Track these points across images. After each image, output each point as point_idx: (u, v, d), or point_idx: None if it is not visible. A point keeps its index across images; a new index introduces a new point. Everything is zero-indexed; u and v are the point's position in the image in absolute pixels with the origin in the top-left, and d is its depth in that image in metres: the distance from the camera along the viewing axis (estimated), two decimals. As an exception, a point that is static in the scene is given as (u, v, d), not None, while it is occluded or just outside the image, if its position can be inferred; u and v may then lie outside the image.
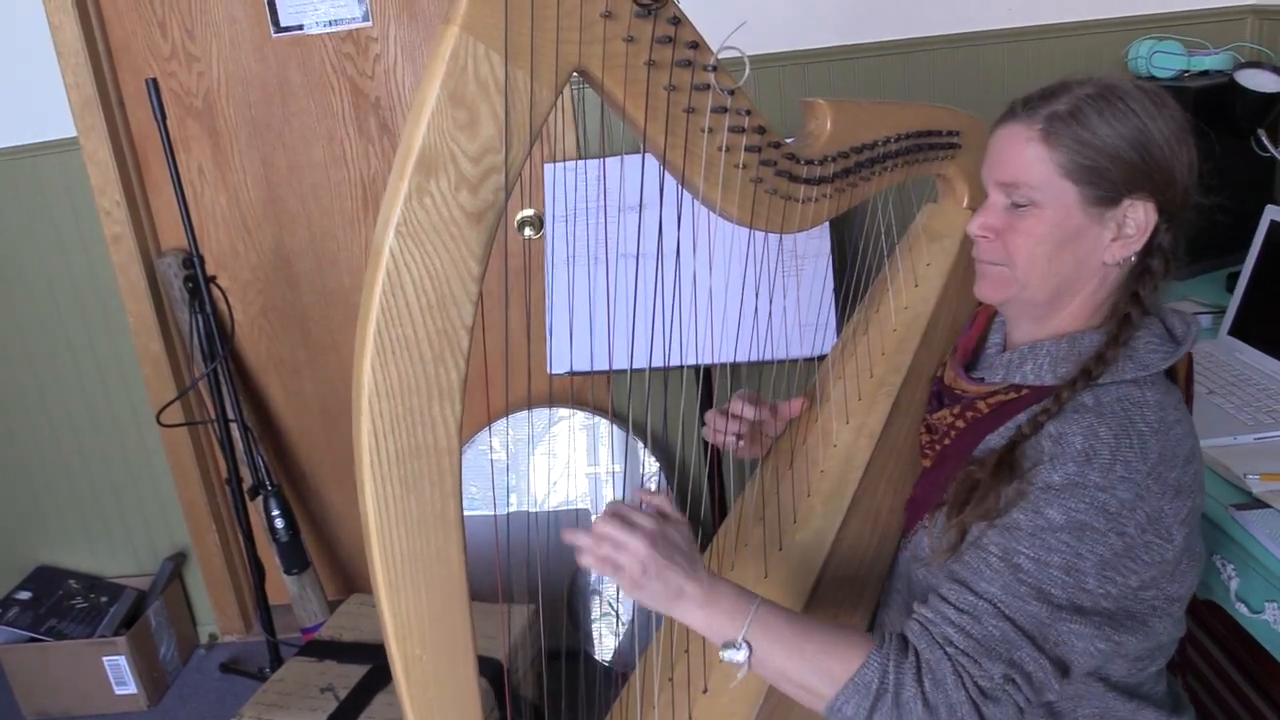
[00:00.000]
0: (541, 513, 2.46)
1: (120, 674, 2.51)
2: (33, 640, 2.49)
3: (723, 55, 1.01)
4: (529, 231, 2.39)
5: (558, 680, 2.04)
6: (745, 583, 1.11)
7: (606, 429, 2.46)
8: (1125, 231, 1.07)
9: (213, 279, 2.31)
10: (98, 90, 2.31)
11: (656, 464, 2.46)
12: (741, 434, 1.36)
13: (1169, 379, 1.11)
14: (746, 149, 1.08)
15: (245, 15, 2.35)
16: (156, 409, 2.41)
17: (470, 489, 2.38)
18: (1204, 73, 2.11)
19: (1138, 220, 1.07)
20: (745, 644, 0.98)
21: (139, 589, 2.67)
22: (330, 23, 2.35)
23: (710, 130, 1.03)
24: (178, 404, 2.44)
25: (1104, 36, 2.26)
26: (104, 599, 2.61)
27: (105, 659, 2.49)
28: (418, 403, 0.87)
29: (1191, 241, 1.11)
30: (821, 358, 1.52)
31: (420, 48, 2.38)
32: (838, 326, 1.98)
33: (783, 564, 1.22)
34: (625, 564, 0.98)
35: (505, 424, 2.47)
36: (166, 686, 2.64)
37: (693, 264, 1.54)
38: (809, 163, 1.19)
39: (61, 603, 2.60)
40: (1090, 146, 1.05)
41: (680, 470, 2.55)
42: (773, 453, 1.38)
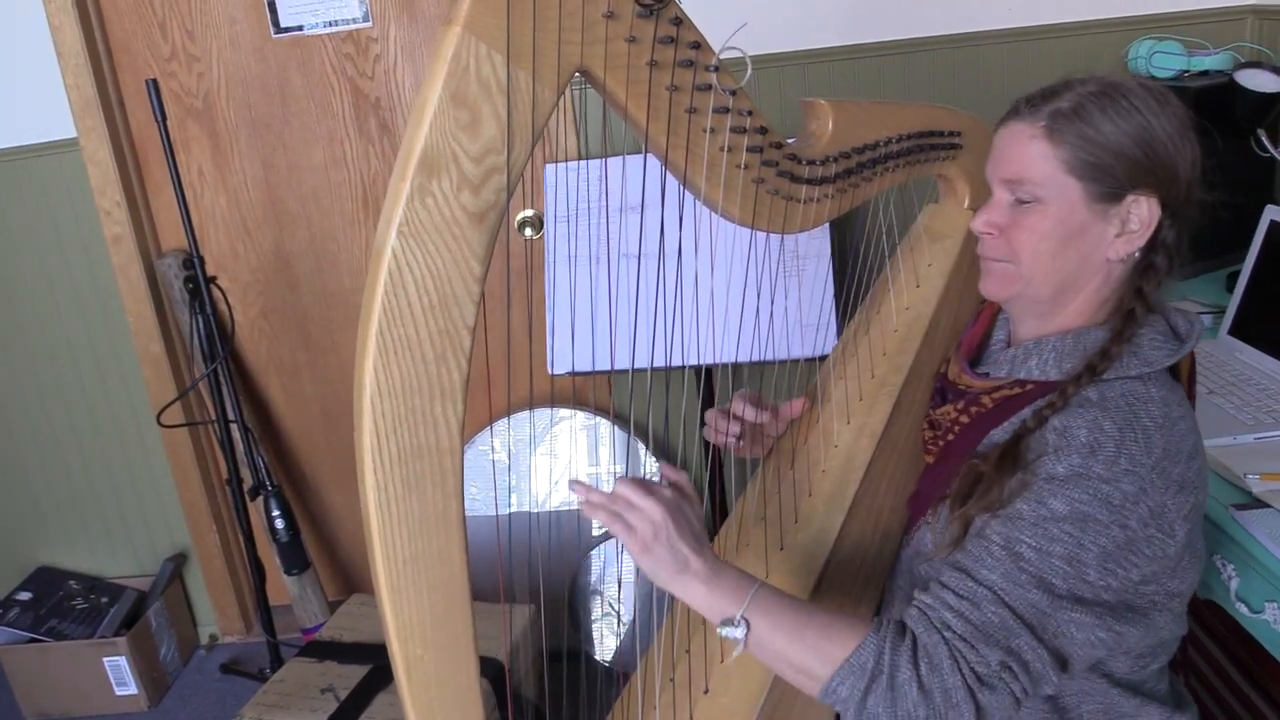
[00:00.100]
0: (541, 513, 2.46)
1: (121, 675, 2.51)
2: (33, 641, 2.49)
3: (724, 55, 1.01)
4: (529, 232, 2.40)
5: (558, 681, 2.04)
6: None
7: (607, 429, 2.46)
8: (1129, 227, 1.07)
9: (213, 280, 2.31)
10: (98, 91, 2.31)
11: (657, 465, 2.46)
12: (742, 434, 1.36)
13: (1172, 377, 1.11)
14: (748, 149, 1.08)
15: (245, 16, 2.35)
16: (157, 410, 2.41)
17: (470, 489, 2.38)
18: (1204, 73, 2.11)
19: (1141, 216, 1.07)
20: (744, 621, 0.98)
21: (139, 589, 2.67)
22: (330, 23, 2.35)
23: (712, 131, 1.03)
24: (178, 405, 2.44)
25: (1104, 36, 2.26)
26: (104, 600, 2.61)
27: (106, 660, 2.49)
28: (420, 403, 0.87)
29: (1192, 241, 1.11)
30: (822, 358, 1.52)
31: (420, 48, 2.38)
32: (838, 327, 1.98)
33: (784, 564, 1.22)
34: (637, 525, 0.99)
35: (507, 424, 2.47)
36: (167, 687, 2.64)
37: (694, 264, 1.54)
38: (810, 163, 1.19)
39: (62, 603, 2.60)
40: (1094, 143, 1.05)
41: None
42: (774, 453, 1.38)
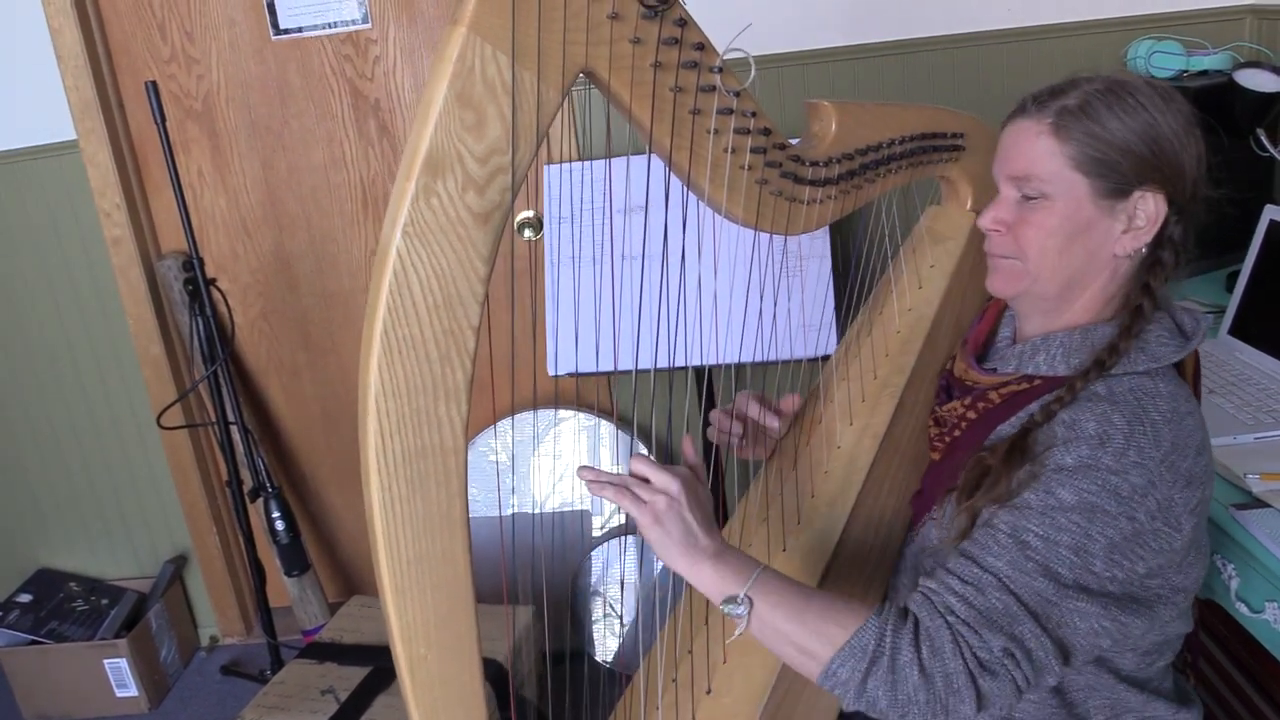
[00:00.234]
0: (541, 514, 2.46)
1: (121, 676, 2.50)
2: (33, 643, 2.49)
3: (728, 57, 1.01)
4: (528, 233, 2.40)
5: (560, 681, 2.04)
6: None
7: (607, 430, 2.46)
8: (1136, 223, 1.08)
9: (213, 281, 2.31)
10: (97, 93, 2.31)
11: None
12: (744, 434, 1.36)
13: (1178, 374, 1.11)
14: (752, 150, 1.08)
15: (245, 18, 2.35)
16: (157, 411, 2.40)
17: (471, 490, 2.38)
18: (1203, 73, 2.11)
19: (1148, 212, 1.07)
20: (747, 599, 0.99)
21: (140, 591, 2.67)
22: (329, 25, 2.35)
23: (716, 132, 1.03)
24: (178, 406, 2.44)
25: (1103, 36, 2.26)
26: (104, 601, 2.61)
27: (106, 661, 2.49)
28: (424, 403, 0.87)
29: (1197, 237, 1.12)
30: (824, 359, 1.52)
31: (419, 50, 2.38)
32: (839, 328, 1.98)
33: (787, 564, 1.22)
34: (650, 498, 1.00)
35: (510, 424, 2.46)
36: (167, 689, 2.63)
37: (697, 266, 1.55)
38: (814, 164, 1.19)
39: (62, 605, 2.59)
40: (1100, 140, 1.06)
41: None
42: (776, 454, 1.38)
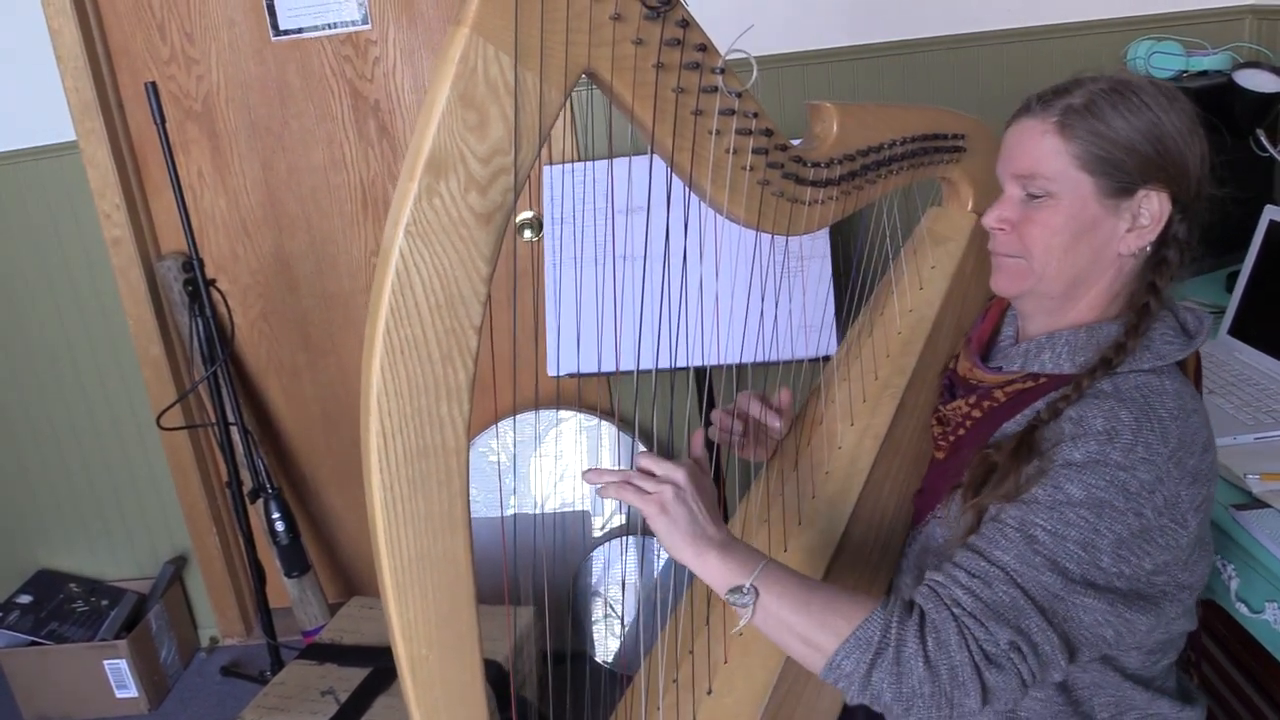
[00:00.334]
0: (541, 515, 2.46)
1: (121, 677, 2.50)
2: (33, 644, 2.48)
3: (730, 57, 1.01)
4: (529, 234, 2.40)
5: (560, 682, 2.04)
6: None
7: (608, 431, 2.46)
8: (1140, 222, 1.08)
9: (212, 282, 2.31)
10: (97, 94, 2.31)
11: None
12: (745, 432, 1.36)
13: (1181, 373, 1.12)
14: (754, 151, 1.08)
15: (244, 18, 2.35)
16: (157, 412, 2.40)
17: (472, 490, 2.38)
18: (1203, 73, 2.11)
19: (1152, 210, 1.08)
20: (753, 589, 0.99)
21: (139, 592, 2.67)
22: (329, 26, 2.35)
23: (718, 133, 1.03)
24: (178, 407, 2.44)
25: (1103, 37, 2.26)
26: (104, 602, 2.61)
27: (106, 662, 2.49)
28: (426, 403, 0.87)
29: (1201, 236, 1.12)
30: (825, 359, 1.52)
31: (419, 51, 2.38)
32: (839, 328, 1.98)
33: (788, 564, 1.22)
34: (655, 490, 1.02)
35: (511, 424, 2.46)
36: (167, 690, 2.63)
37: (698, 267, 1.55)
38: (815, 165, 1.19)
39: (62, 606, 2.59)
40: (1105, 138, 1.06)
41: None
42: (777, 454, 1.38)
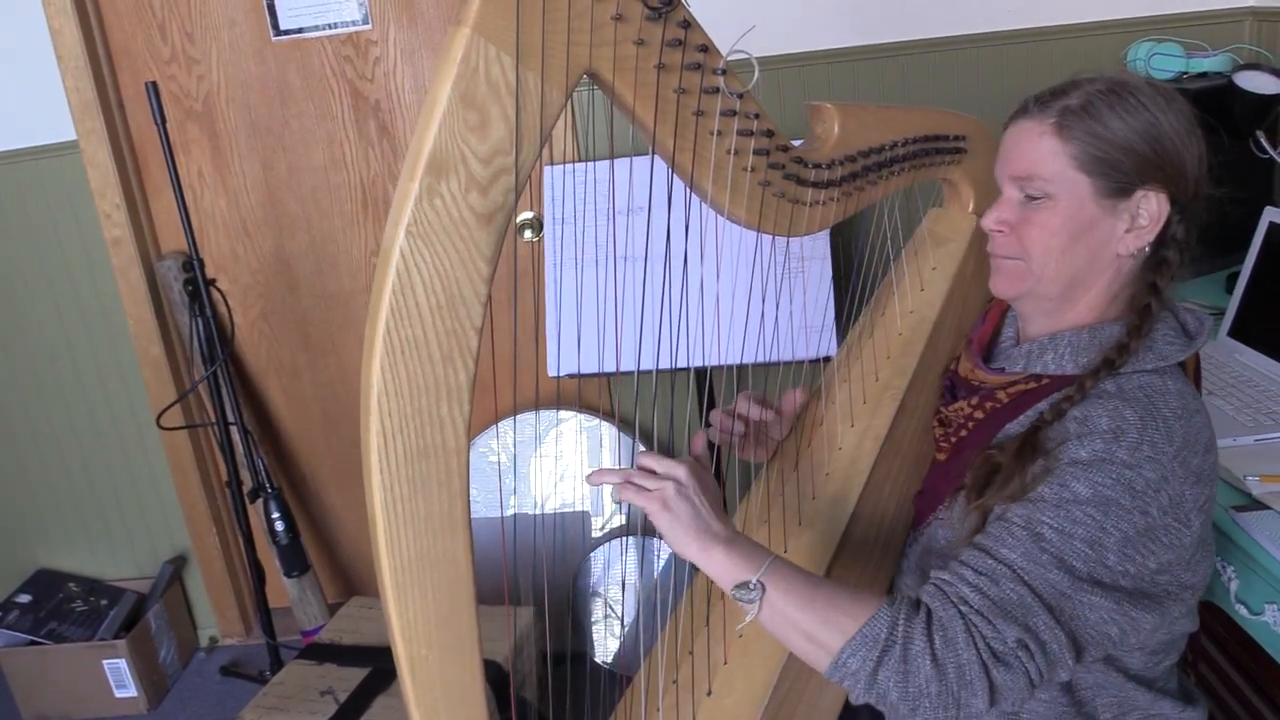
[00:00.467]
0: (541, 515, 2.46)
1: (120, 677, 2.50)
2: (33, 644, 2.48)
3: (731, 58, 1.01)
4: (529, 234, 2.40)
5: (560, 682, 2.03)
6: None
7: (608, 432, 2.46)
8: (1138, 222, 1.08)
9: (213, 282, 2.31)
10: (98, 93, 2.31)
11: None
12: (746, 433, 1.36)
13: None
14: (755, 152, 1.08)
15: (245, 18, 2.35)
16: (156, 412, 2.40)
17: (472, 491, 2.38)
18: (1203, 74, 2.11)
19: (1150, 211, 1.08)
20: (760, 585, 0.98)
21: (139, 592, 2.67)
22: (330, 26, 2.35)
23: (719, 133, 1.03)
24: (178, 407, 2.44)
25: (1103, 38, 2.26)
26: (104, 602, 2.61)
27: (105, 662, 2.49)
28: (426, 403, 0.87)
29: (1200, 236, 1.12)
30: (825, 360, 1.52)
31: (420, 51, 2.38)
32: (839, 329, 1.98)
33: (789, 564, 1.22)
34: (656, 487, 1.02)
35: (511, 424, 2.46)
36: (166, 689, 2.63)
37: (698, 268, 1.54)
38: (816, 166, 1.19)
39: (61, 606, 2.59)
40: (1103, 139, 1.06)
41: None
42: (777, 455, 1.38)
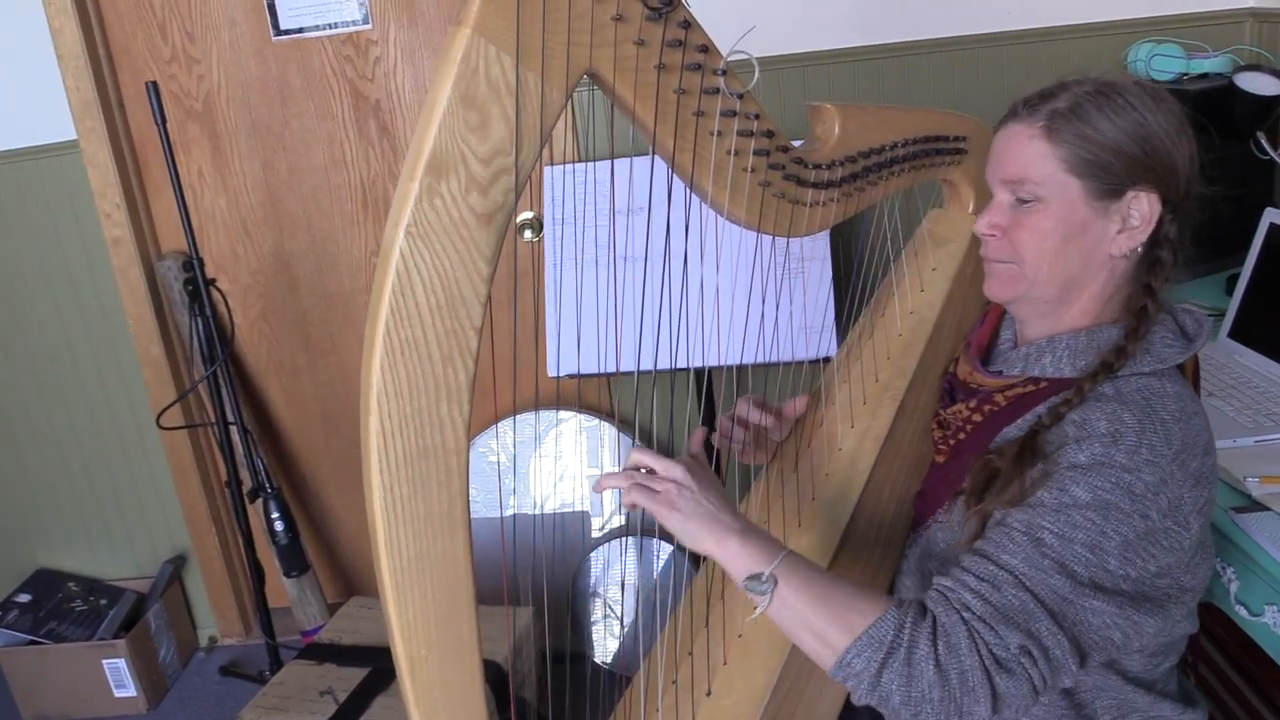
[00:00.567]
0: (541, 515, 2.46)
1: (120, 677, 2.50)
2: (32, 643, 2.48)
3: (732, 59, 1.01)
4: (529, 234, 2.40)
5: (559, 683, 2.03)
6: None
7: (608, 432, 2.46)
8: (1130, 223, 1.08)
9: (213, 282, 2.31)
10: (98, 93, 2.31)
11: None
12: (746, 438, 1.36)
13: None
14: (755, 153, 1.08)
15: (245, 18, 2.35)
16: (156, 412, 2.40)
17: (471, 491, 2.38)
18: (1203, 75, 2.11)
19: (1142, 211, 1.08)
20: (772, 579, 0.98)
21: (138, 592, 2.67)
22: (330, 25, 2.35)
23: (719, 134, 1.03)
24: (178, 407, 2.44)
25: (1103, 39, 2.26)
26: (103, 602, 2.61)
27: (105, 662, 2.49)
28: (426, 403, 0.87)
29: (1194, 238, 1.12)
30: (825, 360, 1.52)
31: (420, 51, 2.38)
32: (839, 330, 1.98)
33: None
34: (660, 488, 1.02)
35: (511, 425, 2.46)
36: (166, 689, 2.63)
37: (698, 268, 1.54)
38: (817, 167, 1.19)
39: (61, 605, 2.59)
40: (1092, 141, 1.06)
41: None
42: (777, 457, 1.38)
